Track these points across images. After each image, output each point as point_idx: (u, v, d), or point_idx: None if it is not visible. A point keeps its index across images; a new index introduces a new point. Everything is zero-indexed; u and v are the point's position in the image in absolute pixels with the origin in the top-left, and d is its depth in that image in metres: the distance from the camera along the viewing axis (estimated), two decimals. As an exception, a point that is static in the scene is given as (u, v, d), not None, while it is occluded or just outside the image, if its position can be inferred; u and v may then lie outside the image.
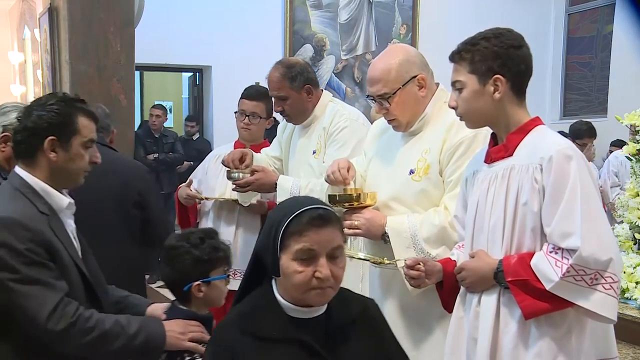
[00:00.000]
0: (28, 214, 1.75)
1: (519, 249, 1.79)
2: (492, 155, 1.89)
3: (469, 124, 1.94)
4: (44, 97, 1.87)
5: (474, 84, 1.82)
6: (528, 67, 1.84)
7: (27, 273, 1.69)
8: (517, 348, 1.77)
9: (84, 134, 1.84)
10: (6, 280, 1.68)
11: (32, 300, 1.69)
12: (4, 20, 8.63)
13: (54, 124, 1.79)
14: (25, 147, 1.82)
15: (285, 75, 2.81)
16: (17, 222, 1.71)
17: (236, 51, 6.93)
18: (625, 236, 3.31)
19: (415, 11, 7.96)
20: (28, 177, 1.82)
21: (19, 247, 1.69)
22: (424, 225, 2.14)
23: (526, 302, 1.73)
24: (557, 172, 1.71)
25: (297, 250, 1.43)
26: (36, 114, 1.81)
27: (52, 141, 1.79)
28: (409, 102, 2.21)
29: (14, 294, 1.68)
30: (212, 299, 1.91)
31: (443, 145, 2.16)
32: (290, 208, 1.48)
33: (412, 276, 1.97)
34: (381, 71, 2.21)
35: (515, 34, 1.85)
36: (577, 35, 8.54)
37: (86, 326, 1.73)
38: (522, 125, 1.84)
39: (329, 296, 1.47)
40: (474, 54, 1.81)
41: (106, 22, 4.14)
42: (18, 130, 1.83)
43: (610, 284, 1.69)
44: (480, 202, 1.88)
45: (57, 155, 1.81)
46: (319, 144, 2.84)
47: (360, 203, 2.22)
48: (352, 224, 2.20)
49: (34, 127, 1.80)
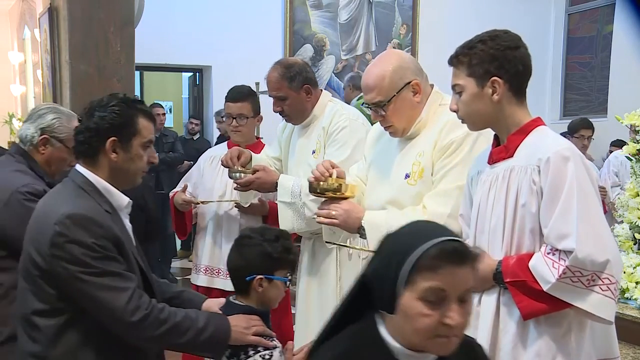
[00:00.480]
0: (96, 211, 1.79)
1: (519, 249, 1.79)
2: (494, 156, 1.90)
3: (470, 127, 1.95)
4: (105, 98, 1.89)
5: (473, 87, 1.83)
6: (526, 68, 1.84)
7: (102, 267, 1.72)
8: (516, 348, 1.77)
9: (143, 135, 1.88)
10: (81, 274, 1.71)
11: (108, 292, 1.72)
12: (4, 20, 8.63)
13: (116, 125, 1.83)
14: (88, 147, 1.85)
15: (284, 75, 2.81)
16: (90, 218, 1.75)
17: (236, 51, 6.93)
18: (625, 236, 3.31)
19: (415, 11, 7.96)
20: (90, 176, 1.85)
21: (92, 243, 1.72)
22: (401, 222, 2.13)
23: (524, 303, 1.74)
24: (554, 173, 1.71)
25: (426, 289, 1.21)
26: (98, 114, 1.83)
27: (114, 142, 1.83)
28: (405, 108, 2.21)
29: (90, 286, 1.72)
30: (269, 297, 1.92)
31: (434, 148, 2.16)
32: (420, 237, 1.26)
33: None
34: (375, 79, 2.20)
35: (511, 35, 1.86)
36: (577, 35, 8.54)
37: (160, 318, 1.77)
38: (523, 126, 1.85)
39: (454, 345, 1.25)
40: (471, 57, 1.82)
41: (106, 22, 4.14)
42: (80, 130, 1.86)
43: (607, 286, 1.70)
44: (482, 203, 1.89)
45: (118, 155, 1.85)
46: (319, 144, 2.84)
47: (340, 194, 2.23)
48: (329, 213, 2.20)
49: (96, 128, 1.83)
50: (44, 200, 1.91)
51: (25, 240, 1.85)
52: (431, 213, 2.09)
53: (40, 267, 1.76)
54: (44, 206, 1.86)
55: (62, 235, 1.72)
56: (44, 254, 1.75)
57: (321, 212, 2.23)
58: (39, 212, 1.86)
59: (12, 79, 8.34)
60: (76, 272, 1.71)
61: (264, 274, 1.88)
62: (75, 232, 1.72)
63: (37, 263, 1.77)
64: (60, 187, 1.91)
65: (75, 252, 1.71)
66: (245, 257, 1.89)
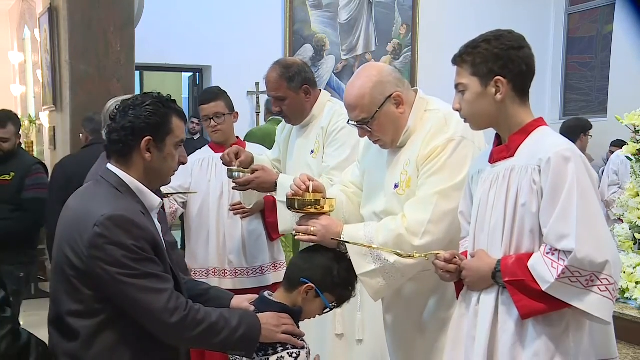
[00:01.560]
0: (134, 212, 1.79)
1: (518, 249, 1.80)
2: (495, 155, 1.90)
3: (473, 126, 1.95)
4: (138, 97, 1.88)
5: (476, 86, 1.84)
6: (530, 68, 1.85)
7: (142, 269, 1.73)
8: (514, 347, 1.78)
9: (176, 134, 1.89)
10: (122, 276, 1.71)
11: (148, 294, 1.73)
12: (4, 20, 8.63)
13: (151, 124, 1.82)
14: (122, 146, 1.84)
15: (283, 75, 2.80)
16: (130, 220, 1.74)
17: (236, 51, 6.93)
18: (625, 236, 3.32)
19: (415, 11, 7.96)
20: (124, 176, 1.85)
21: (132, 244, 1.72)
22: (380, 232, 2.11)
23: (523, 302, 1.74)
24: (555, 173, 1.71)
25: None
26: (133, 113, 1.82)
27: (149, 141, 1.82)
28: (389, 122, 2.18)
29: (130, 288, 1.72)
30: (306, 308, 1.96)
31: (418, 156, 2.15)
32: None
33: (450, 270, 1.93)
34: (355, 98, 2.17)
35: (516, 35, 1.86)
36: (577, 35, 8.54)
37: (197, 318, 1.77)
38: (525, 126, 1.85)
39: None
40: (475, 56, 1.83)
41: (106, 22, 4.15)
42: (114, 129, 1.84)
43: (605, 286, 1.70)
44: (482, 202, 1.89)
45: (152, 155, 1.84)
46: (317, 144, 2.83)
47: (319, 209, 2.19)
48: (307, 229, 2.15)
49: (131, 127, 1.81)
50: (77, 199, 1.88)
51: (58, 240, 1.84)
52: (411, 220, 2.07)
53: (77, 267, 1.75)
54: (80, 206, 1.84)
55: (103, 237, 1.71)
56: (82, 255, 1.73)
57: (299, 229, 2.18)
58: (74, 211, 1.83)
59: (12, 79, 8.35)
60: (116, 274, 1.70)
61: (317, 286, 1.91)
62: (115, 234, 1.71)
63: (74, 263, 1.75)
64: (94, 187, 1.90)
65: (115, 254, 1.71)
66: (312, 262, 1.96)
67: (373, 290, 2.15)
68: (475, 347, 1.84)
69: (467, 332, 1.90)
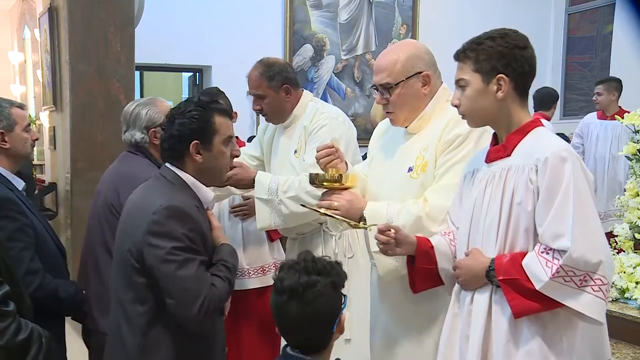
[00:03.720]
0: (189, 204, 1.92)
1: (512, 248, 1.80)
2: (492, 155, 1.91)
3: (470, 123, 1.95)
4: (182, 105, 2.01)
5: (478, 83, 1.84)
6: (532, 68, 1.86)
7: (187, 262, 1.85)
8: (508, 345, 1.78)
9: (222, 132, 2.00)
10: (166, 261, 1.83)
11: (186, 293, 1.84)
12: (4, 20, 8.62)
13: (195, 129, 1.95)
14: (173, 152, 1.99)
15: (264, 74, 2.83)
16: (184, 211, 1.88)
17: (236, 51, 6.92)
18: (625, 236, 3.31)
19: (415, 11, 7.96)
20: (179, 172, 1.99)
21: (183, 234, 1.85)
22: (402, 214, 2.15)
23: (516, 301, 1.75)
24: (552, 173, 1.72)
25: None
26: (178, 122, 1.96)
27: (196, 145, 1.96)
28: (410, 96, 2.22)
29: (174, 279, 1.84)
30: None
31: (438, 142, 2.17)
32: None
33: (381, 241, 1.99)
34: (388, 62, 2.23)
35: (520, 35, 1.87)
36: (577, 35, 8.53)
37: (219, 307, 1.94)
38: (522, 126, 1.86)
39: None
40: (479, 52, 1.83)
41: (106, 22, 4.15)
42: (165, 138, 2.00)
43: (599, 286, 1.70)
44: (477, 201, 1.90)
45: (202, 156, 1.97)
46: (300, 143, 2.85)
47: (341, 184, 2.23)
48: (331, 204, 2.20)
49: (178, 135, 1.96)
50: (137, 194, 2.03)
51: (119, 231, 2.01)
52: (432, 205, 2.11)
53: (133, 255, 1.88)
54: (139, 198, 1.99)
55: (158, 224, 1.84)
56: (138, 243, 1.87)
57: (323, 204, 2.23)
58: (134, 204, 1.98)
59: (12, 79, 8.34)
60: (162, 259, 1.83)
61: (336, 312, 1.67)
62: (170, 223, 1.84)
63: (132, 252, 1.89)
64: (152, 182, 2.03)
65: (166, 241, 1.83)
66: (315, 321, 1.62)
67: (385, 270, 2.19)
68: (470, 346, 1.84)
69: (460, 331, 1.90)
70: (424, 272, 2.02)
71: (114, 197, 2.48)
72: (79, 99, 4.32)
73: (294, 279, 1.60)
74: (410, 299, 2.18)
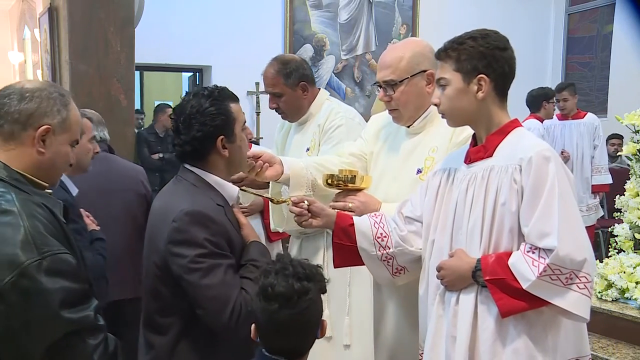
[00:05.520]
0: (211, 207, 1.84)
1: (497, 248, 1.81)
2: (472, 155, 1.91)
3: (450, 122, 1.96)
4: (193, 104, 1.90)
5: (458, 82, 1.85)
6: (512, 70, 1.87)
7: (213, 269, 1.76)
8: (494, 345, 1.79)
9: (240, 119, 1.94)
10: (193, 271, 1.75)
11: (214, 301, 1.76)
12: (4, 20, 8.63)
13: (219, 125, 1.88)
14: (198, 153, 1.90)
15: (280, 71, 2.78)
16: (206, 215, 1.80)
17: (236, 51, 6.92)
18: (625, 236, 3.31)
19: (415, 11, 7.96)
20: (200, 172, 1.91)
21: (206, 239, 1.77)
22: None
23: (503, 301, 1.76)
24: (537, 173, 1.73)
25: None
26: (199, 122, 1.86)
27: (222, 139, 1.89)
28: (414, 94, 2.22)
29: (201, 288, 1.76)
30: None
31: (449, 143, 2.17)
32: None
33: (295, 212, 2.07)
34: (393, 58, 2.23)
35: (501, 36, 1.89)
36: (577, 35, 8.53)
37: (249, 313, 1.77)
38: (502, 127, 1.87)
39: None
40: (460, 52, 1.84)
41: (106, 22, 4.14)
42: (185, 142, 1.89)
43: (584, 284, 1.72)
44: (459, 202, 1.90)
45: (228, 149, 1.91)
46: (313, 141, 2.82)
47: (355, 185, 2.22)
48: (345, 205, 2.20)
49: (202, 135, 1.87)
50: (159, 199, 1.97)
51: (146, 240, 1.93)
52: None
53: (158, 265, 1.82)
54: (161, 204, 1.92)
55: (180, 232, 1.77)
56: (161, 251, 1.80)
57: (337, 205, 2.22)
58: (157, 211, 1.91)
59: (12, 79, 8.33)
60: (187, 267, 1.75)
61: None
62: (192, 229, 1.76)
63: (156, 262, 1.82)
64: (173, 185, 1.96)
65: (190, 248, 1.76)
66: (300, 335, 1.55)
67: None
68: (456, 346, 1.85)
69: (446, 332, 1.90)
70: (341, 248, 2.07)
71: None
72: (79, 99, 4.31)
73: (286, 286, 1.50)
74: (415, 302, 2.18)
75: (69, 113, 1.71)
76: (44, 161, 1.62)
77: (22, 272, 1.41)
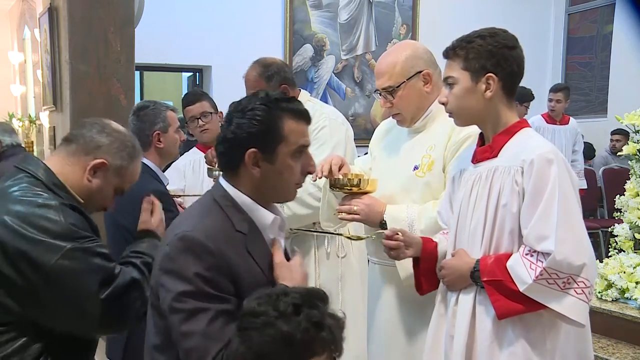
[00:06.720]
0: (218, 232, 1.49)
1: (497, 249, 1.81)
2: (478, 155, 1.91)
3: (457, 121, 1.95)
4: (243, 101, 1.58)
5: (467, 81, 1.84)
6: (520, 69, 1.86)
7: (197, 314, 1.42)
8: (492, 346, 1.79)
9: (292, 141, 1.54)
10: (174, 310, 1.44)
11: (192, 354, 1.42)
12: (4, 20, 8.62)
13: (255, 134, 1.51)
14: (228, 159, 1.57)
15: (262, 74, 2.79)
16: (202, 245, 1.45)
17: (236, 51, 6.91)
18: (625, 236, 3.31)
19: (415, 11, 7.96)
20: (230, 189, 1.57)
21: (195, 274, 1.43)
22: (422, 217, 2.16)
23: (500, 303, 1.75)
24: (538, 175, 1.72)
25: None
26: (236, 122, 1.53)
27: (254, 153, 1.52)
28: (413, 96, 2.23)
29: (178, 325, 1.44)
30: None
31: (448, 141, 2.18)
32: None
33: (391, 246, 1.98)
34: (387, 65, 2.24)
35: (510, 35, 1.87)
36: (577, 35, 8.53)
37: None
38: (509, 127, 1.86)
39: None
40: (469, 51, 1.83)
41: (106, 22, 4.15)
42: (220, 140, 1.58)
43: (582, 289, 1.71)
44: (464, 202, 1.90)
45: (261, 169, 1.53)
46: None
47: (360, 189, 2.23)
48: (350, 209, 2.21)
49: (233, 138, 1.53)
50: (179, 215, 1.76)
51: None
52: None
53: (153, 291, 1.54)
54: (175, 221, 1.63)
55: (170, 259, 1.47)
56: (155, 277, 1.53)
57: (342, 208, 2.23)
58: (169, 227, 1.62)
59: (12, 79, 8.34)
60: (170, 306, 1.45)
61: None
62: (181, 259, 1.44)
63: (152, 286, 1.55)
64: (198, 200, 1.67)
65: (175, 282, 1.44)
66: (254, 349, 1.22)
67: (407, 274, 2.14)
68: (454, 346, 1.85)
69: (445, 331, 1.91)
70: (430, 272, 2.01)
71: None
72: (79, 99, 4.32)
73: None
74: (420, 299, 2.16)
75: (130, 164, 1.87)
76: (87, 188, 1.80)
77: (64, 254, 1.64)
